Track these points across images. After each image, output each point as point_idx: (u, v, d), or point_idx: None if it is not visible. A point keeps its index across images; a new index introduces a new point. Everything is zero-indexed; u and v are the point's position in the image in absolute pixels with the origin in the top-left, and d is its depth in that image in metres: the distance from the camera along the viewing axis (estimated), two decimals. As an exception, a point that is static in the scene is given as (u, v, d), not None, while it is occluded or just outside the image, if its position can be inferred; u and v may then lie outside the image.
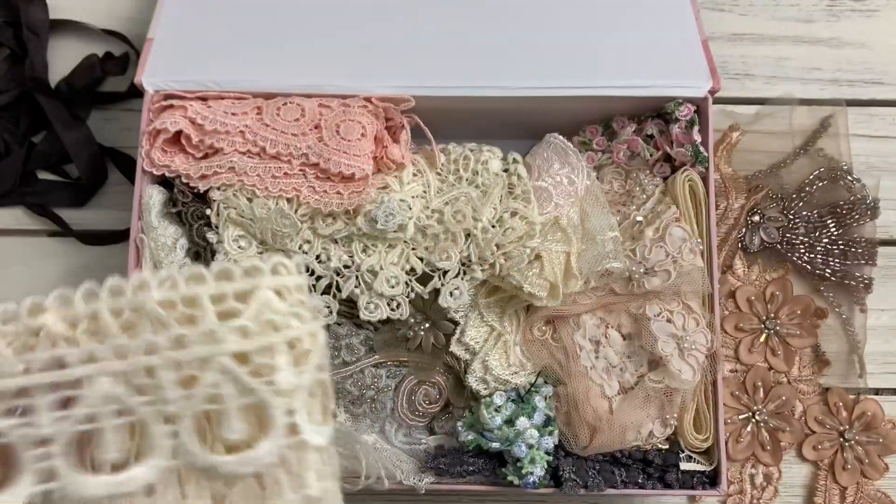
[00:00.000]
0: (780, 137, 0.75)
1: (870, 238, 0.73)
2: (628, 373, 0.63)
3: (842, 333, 0.73)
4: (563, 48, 0.65)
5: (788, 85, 0.78)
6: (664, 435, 0.63)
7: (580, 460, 0.62)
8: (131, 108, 0.76)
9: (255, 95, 0.62)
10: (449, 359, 0.63)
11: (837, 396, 0.71)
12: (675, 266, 0.61)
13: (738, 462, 0.70)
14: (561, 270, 0.60)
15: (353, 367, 0.62)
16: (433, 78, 0.63)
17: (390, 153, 0.61)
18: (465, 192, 0.61)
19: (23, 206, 0.74)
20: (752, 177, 0.74)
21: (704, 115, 0.64)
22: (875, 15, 0.80)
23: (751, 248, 0.73)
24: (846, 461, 0.70)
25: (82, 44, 0.78)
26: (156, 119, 0.61)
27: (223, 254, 0.60)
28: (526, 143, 0.67)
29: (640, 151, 0.65)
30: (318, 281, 0.61)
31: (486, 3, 0.67)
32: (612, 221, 0.62)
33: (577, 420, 0.61)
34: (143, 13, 0.77)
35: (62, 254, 0.74)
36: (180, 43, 0.65)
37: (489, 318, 0.62)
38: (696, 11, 0.67)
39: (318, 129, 0.60)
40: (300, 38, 0.65)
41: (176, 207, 0.62)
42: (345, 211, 0.60)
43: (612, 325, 0.63)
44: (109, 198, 0.75)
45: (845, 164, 0.74)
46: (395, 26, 0.66)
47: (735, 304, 0.72)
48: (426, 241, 0.61)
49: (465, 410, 0.63)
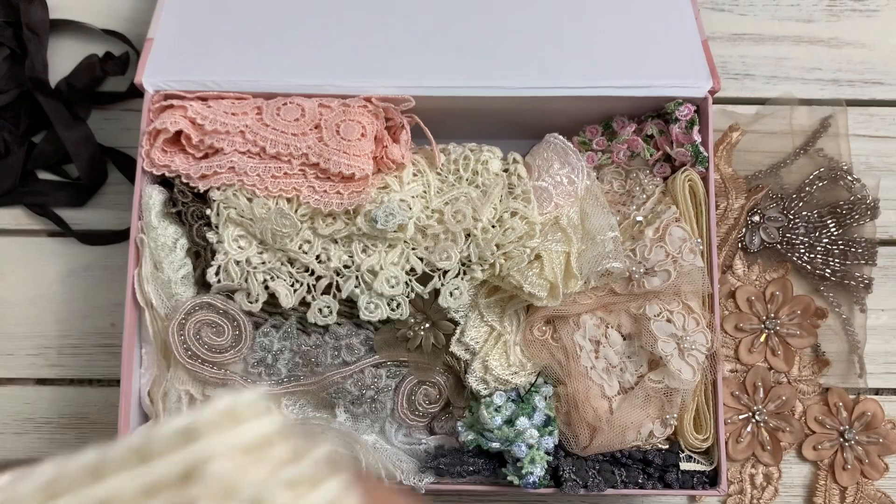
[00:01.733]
0: (780, 137, 0.75)
1: (870, 238, 0.73)
2: (628, 373, 0.63)
3: (842, 333, 0.73)
4: (562, 48, 0.65)
5: (788, 85, 0.78)
6: (664, 435, 0.63)
7: (580, 460, 0.62)
8: (131, 108, 0.76)
9: (255, 95, 0.62)
10: (449, 359, 0.63)
11: (837, 396, 0.71)
12: (675, 266, 0.61)
13: (738, 462, 0.70)
14: (561, 270, 0.60)
15: (353, 367, 0.62)
16: (433, 78, 0.63)
17: (390, 153, 0.61)
18: (465, 192, 0.61)
19: (23, 206, 0.74)
20: (752, 177, 0.74)
21: (704, 115, 0.64)
22: (875, 15, 0.80)
23: (751, 248, 0.73)
24: (846, 461, 0.70)
25: (82, 44, 0.78)
26: (156, 119, 0.61)
27: (223, 253, 0.60)
28: (526, 143, 0.67)
29: (640, 151, 0.65)
30: (318, 281, 0.61)
31: (487, 3, 0.67)
32: (612, 221, 0.62)
33: (577, 420, 0.61)
34: (143, 13, 0.77)
35: (62, 254, 0.74)
36: (180, 43, 0.65)
37: (489, 318, 0.62)
38: (696, 11, 0.67)
39: (318, 129, 0.60)
40: (300, 38, 0.65)
41: (176, 207, 0.62)
42: (345, 211, 0.60)
43: (612, 325, 0.63)
44: (109, 198, 0.75)
45: (845, 164, 0.74)
46: (395, 26, 0.66)
47: (735, 304, 0.72)
48: (426, 241, 0.61)
49: (465, 410, 0.63)
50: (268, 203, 0.60)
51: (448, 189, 0.62)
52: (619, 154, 0.66)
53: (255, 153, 0.60)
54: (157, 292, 0.61)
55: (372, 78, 0.63)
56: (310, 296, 0.61)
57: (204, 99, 0.62)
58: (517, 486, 0.61)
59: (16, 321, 0.72)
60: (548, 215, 0.62)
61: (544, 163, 0.64)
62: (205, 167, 0.60)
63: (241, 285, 0.61)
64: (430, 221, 0.61)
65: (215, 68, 0.63)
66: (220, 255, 0.61)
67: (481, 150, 0.63)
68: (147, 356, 0.63)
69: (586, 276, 0.61)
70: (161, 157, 0.61)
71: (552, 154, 0.64)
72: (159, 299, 0.61)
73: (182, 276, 0.61)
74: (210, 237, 0.61)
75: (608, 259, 0.60)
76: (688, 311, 0.62)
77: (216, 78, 0.62)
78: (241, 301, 0.61)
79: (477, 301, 0.62)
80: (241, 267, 0.61)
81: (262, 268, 0.61)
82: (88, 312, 0.73)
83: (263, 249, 0.61)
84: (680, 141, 0.64)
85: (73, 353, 0.72)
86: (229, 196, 0.60)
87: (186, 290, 0.61)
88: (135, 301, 0.61)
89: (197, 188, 0.61)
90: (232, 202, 0.60)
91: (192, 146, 0.61)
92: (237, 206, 0.60)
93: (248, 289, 0.61)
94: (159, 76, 0.63)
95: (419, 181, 0.62)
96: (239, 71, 0.63)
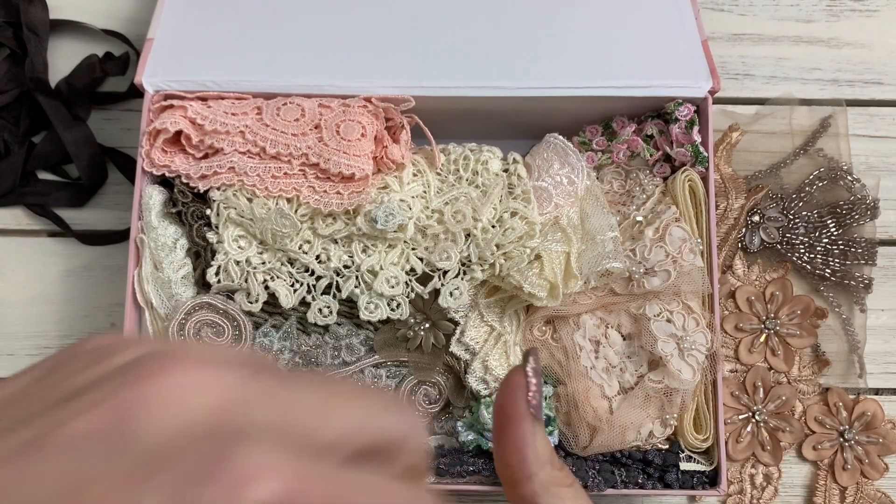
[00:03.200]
0: (779, 137, 0.75)
1: (870, 238, 0.73)
2: (628, 373, 0.63)
3: (842, 333, 0.73)
4: (562, 48, 0.65)
5: (788, 85, 0.78)
6: (664, 435, 0.63)
7: (580, 460, 0.62)
8: (131, 108, 0.76)
9: (255, 95, 0.62)
10: (449, 359, 0.63)
11: (837, 396, 0.71)
12: (675, 266, 0.61)
13: (738, 462, 0.70)
14: (561, 270, 0.60)
15: (353, 367, 0.62)
16: (433, 78, 0.63)
17: (390, 153, 0.61)
18: (465, 192, 0.61)
19: (23, 206, 0.74)
20: (752, 177, 0.74)
21: (704, 115, 0.64)
22: (875, 15, 0.80)
23: (751, 248, 0.73)
24: (846, 461, 0.70)
25: (82, 44, 0.78)
26: (156, 119, 0.61)
27: (223, 253, 0.61)
28: (526, 143, 0.67)
29: (640, 151, 0.65)
30: (319, 281, 0.61)
31: (487, 3, 0.67)
32: (612, 221, 0.62)
33: (577, 420, 0.61)
34: (143, 13, 0.77)
35: (62, 254, 0.74)
36: (180, 43, 0.65)
37: (489, 318, 0.62)
38: (696, 11, 0.67)
39: (318, 129, 0.60)
40: (300, 38, 0.65)
41: (176, 207, 0.62)
42: (345, 211, 0.60)
43: (612, 325, 0.63)
44: (109, 198, 0.75)
45: (845, 164, 0.74)
46: (395, 26, 0.66)
47: (735, 304, 0.72)
48: (426, 241, 0.61)
49: (465, 410, 0.63)
50: (268, 203, 0.60)
51: (448, 189, 0.62)
52: (619, 154, 0.66)
53: (255, 153, 0.60)
54: (157, 292, 0.61)
55: (372, 78, 0.63)
56: (310, 296, 0.61)
57: (204, 99, 0.62)
58: (517, 486, 0.60)
59: (16, 321, 0.72)
60: (548, 215, 0.62)
61: (544, 163, 0.64)
62: (205, 167, 0.60)
63: (241, 285, 0.61)
64: (430, 221, 0.61)
65: (215, 68, 0.63)
66: (220, 255, 0.61)
67: (481, 150, 0.63)
68: (147, 356, 0.63)
69: (586, 276, 0.61)
70: (161, 157, 0.61)
71: (552, 154, 0.64)
72: (159, 299, 0.61)
73: (182, 276, 0.61)
74: (210, 237, 0.61)
75: (608, 259, 0.60)
76: (688, 311, 0.62)
77: (216, 78, 0.62)
78: (241, 301, 0.61)
79: (477, 301, 0.62)
80: (241, 267, 0.61)
81: (262, 268, 0.61)
82: (88, 312, 0.73)
83: (263, 249, 0.61)
84: (680, 141, 0.64)
85: (73, 353, 0.72)
86: (229, 196, 0.60)
87: (186, 290, 0.61)
88: (135, 301, 0.61)
89: (197, 188, 0.61)
90: (232, 202, 0.60)
91: (192, 146, 0.61)
92: (237, 207, 0.60)
93: (248, 289, 0.61)
94: (159, 76, 0.63)
95: (419, 181, 0.62)
96: (239, 71, 0.63)
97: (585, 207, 0.63)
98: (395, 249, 0.61)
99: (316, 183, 0.60)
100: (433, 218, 0.61)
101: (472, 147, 0.64)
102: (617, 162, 0.66)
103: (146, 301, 0.61)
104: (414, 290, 0.61)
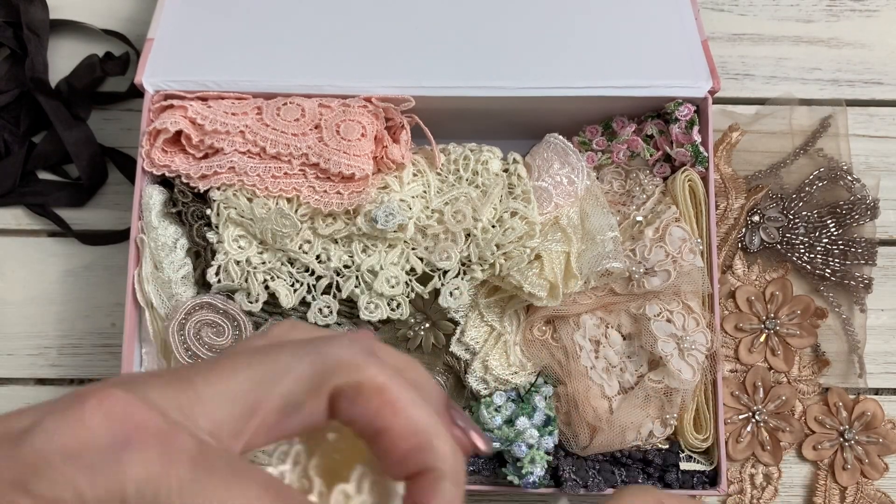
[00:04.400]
0: (779, 137, 0.75)
1: (870, 238, 0.73)
2: (628, 373, 0.63)
3: (842, 333, 0.73)
4: (562, 48, 0.65)
5: (788, 85, 0.78)
6: (664, 435, 0.63)
7: (580, 460, 0.62)
8: (131, 108, 0.76)
9: (255, 95, 0.62)
10: (449, 359, 0.63)
11: (837, 396, 0.71)
12: (675, 266, 0.61)
13: (738, 462, 0.70)
14: (561, 270, 0.60)
15: (353, 367, 0.61)
16: (433, 78, 0.63)
17: (390, 153, 0.61)
18: (465, 192, 0.61)
19: (23, 206, 0.74)
20: (752, 177, 0.74)
21: (704, 115, 0.64)
22: (875, 15, 0.80)
23: (751, 248, 0.73)
24: (846, 461, 0.70)
25: (82, 44, 0.78)
26: (156, 119, 0.61)
27: (223, 253, 0.61)
28: (526, 143, 0.67)
29: (640, 151, 0.65)
30: (319, 281, 0.61)
31: (487, 3, 0.67)
32: (612, 221, 0.62)
33: (577, 420, 0.61)
34: (143, 13, 0.77)
35: (62, 254, 0.74)
36: (180, 43, 0.65)
37: (489, 318, 0.62)
38: (696, 11, 0.67)
39: (318, 129, 0.60)
40: (300, 38, 0.65)
41: (176, 207, 0.62)
42: (345, 211, 0.60)
43: (612, 325, 0.63)
44: (109, 198, 0.75)
45: (845, 164, 0.74)
46: (395, 26, 0.66)
47: (735, 304, 0.72)
48: (426, 241, 0.61)
49: (465, 410, 0.63)
50: (268, 203, 0.60)
51: (448, 189, 0.62)
52: (618, 154, 0.66)
53: (255, 153, 0.60)
54: (157, 292, 0.61)
55: (372, 78, 0.63)
56: (310, 296, 0.61)
57: (204, 99, 0.62)
58: (517, 486, 0.61)
59: (16, 321, 0.72)
60: (548, 215, 0.62)
61: (544, 163, 0.64)
62: (205, 167, 0.60)
63: (241, 285, 0.61)
64: (430, 221, 0.61)
65: (215, 68, 0.63)
66: (220, 255, 0.61)
67: (481, 150, 0.63)
68: (147, 356, 0.63)
69: (586, 276, 0.61)
70: (161, 157, 0.61)
71: (552, 154, 0.64)
72: (159, 299, 0.61)
73: (182, 276, 0.61)
74: (210, 237, 0.61)
75: (608, 259, 0.60)
76: (688, 311, 0.62)
77: (216, 78, 0.62)
78: (241, 301, 0.61)
79: (477, 301, 0.62)
80: (241, 267, 0.61)
81: (263, 268, 0.61)
82: (88, 312, 0.73)
83: (263, 249, 0.61)
84: (680, 141, 0.64)
85: (73, 353, 0.72)
86: (229, 196, 0.60)
87: (186, 290, 0.61)
88: (135, 301, 0.61)
89: (197, 188, 0.61)
90: (232, 202, 0.60)
91: (192, 146, 0.61)
92: (237, 206, 0.60)
93: (248, 289, 0.61)
94: (159, 76, 0.63)
95: (419, 181, 0.62)
96: (239, 71, 0.63)
97: (585, 207, 0.63)
98: (395, 249, 0.61)
99: (316, 183, 0.60)
100: (433, 218, 0.61)
101: (472, 147, 0.64)
102: (617, 162, 0.66)
103: (146, 301, 0.61)
104: (414, 290, 0.61)
